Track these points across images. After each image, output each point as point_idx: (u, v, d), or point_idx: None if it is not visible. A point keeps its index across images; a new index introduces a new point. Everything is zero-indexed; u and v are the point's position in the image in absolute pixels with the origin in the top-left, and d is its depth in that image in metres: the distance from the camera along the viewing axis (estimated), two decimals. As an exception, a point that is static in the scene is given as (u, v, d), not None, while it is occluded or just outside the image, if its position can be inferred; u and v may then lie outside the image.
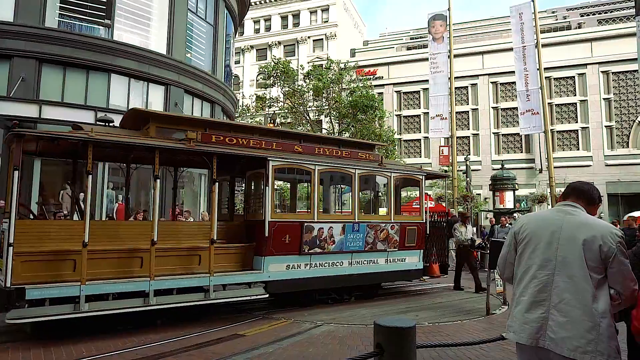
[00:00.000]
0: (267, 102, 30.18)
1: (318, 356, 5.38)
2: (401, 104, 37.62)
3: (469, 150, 34.52)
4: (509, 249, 2.79)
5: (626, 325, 3.23)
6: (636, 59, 17.03)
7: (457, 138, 26.21)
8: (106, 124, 9.96)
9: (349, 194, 10.12)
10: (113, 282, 6.23)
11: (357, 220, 8.86)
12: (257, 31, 47.31)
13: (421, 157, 35.81)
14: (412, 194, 21.60)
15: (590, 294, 2.37)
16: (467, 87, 35.14)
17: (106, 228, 7.71)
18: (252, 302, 8.49)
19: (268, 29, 46.93)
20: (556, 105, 32.83)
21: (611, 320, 2.38)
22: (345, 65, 28.71)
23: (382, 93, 36.61)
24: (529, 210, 25.10)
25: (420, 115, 36.65)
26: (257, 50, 46.64)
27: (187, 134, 7.09)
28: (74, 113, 12.56)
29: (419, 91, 36.46)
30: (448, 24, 21.74)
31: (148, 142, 6.77)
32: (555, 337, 2.39)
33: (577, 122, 32.48)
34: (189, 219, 12.81)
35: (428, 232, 10.22)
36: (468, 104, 35.28)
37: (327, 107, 27.53)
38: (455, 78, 22.44)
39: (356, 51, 42.76)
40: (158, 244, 6.56)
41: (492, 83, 34.83)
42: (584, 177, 27.44)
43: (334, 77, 26.84)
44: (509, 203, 19.48)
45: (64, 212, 10.19)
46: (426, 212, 10.33)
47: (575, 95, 32.73)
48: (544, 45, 22.57)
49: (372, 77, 35.64)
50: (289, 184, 12.04)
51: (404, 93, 37.56)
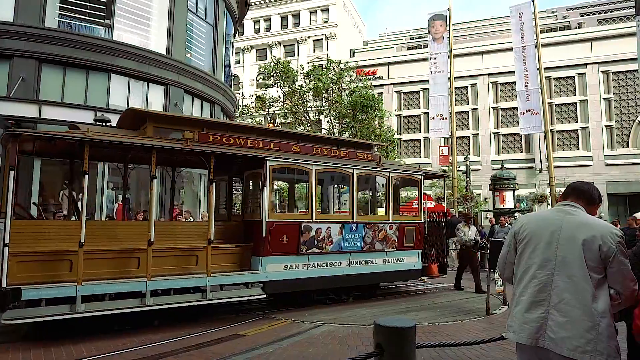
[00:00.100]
0: (267, 102, 30.19)
1: (318, 356, 5.38)
2: (401, 104, 37.62)
3: (469, 150, 34.52)
4: (509, 249, 2.79)
5: (626, 325, 3.23)
6: (636, 59, 17.04)
7: (457, 138, 26.21)
8: (103, 123, 9.96)
9: (348, 194, 10.11)
10: (109, 282, 6.21)
11: (355, 221, 8.84)
12: (257, 31, 47.33)
13: (421, 157, 35.82)
14: (412, 194, 21.59)
15: (590, 294, 2.37)
16: (467, 87, 35.14)
17: (103, 228, 7.67)
18: (252, 302, 8.50)
19: (268, 29, 46.95)
20: (556, 105, 32.84)
21: (611, 320, 2.38)
22: (345, 66, 28.71)
23: (382, 93, 36.62)
24: (529, 210, 25.10)
25: (420, 115, 36.66)
26: (257, 50, 46.65)
27: (184, 134, 7.06)
28: (73, 113, 12.55)
29: (419, 91, 36.47)
30: (448, 24, 21.74)
31: (145, 142, 6.74)
32: (554, 337, 2.39)
33: (577, 122, 32.48)
34: (188, 219, 12.81)
35: (427, 232, 10.21)
36: (468, 104, 35.29)
37: (327, 107, 27.53)
38: (455, 78, 22.45)
39: (356, 51, 42.76)
40: (155, 244, 6.54)
41: (492, 83, 34.84)
42: (584, 177, 27.44)
43: (333, 77, 26.84)
44: (509, 203, 19.48)
45: (64, 212, 10.19)
46: (425, 212, 10.32)
47: (575, 95, 32.73)
48: (543, 45, 22.57)
49: (372, 77, 35.64)
50: (287, 184, 12.02)
51: (403, 93, 37.57)
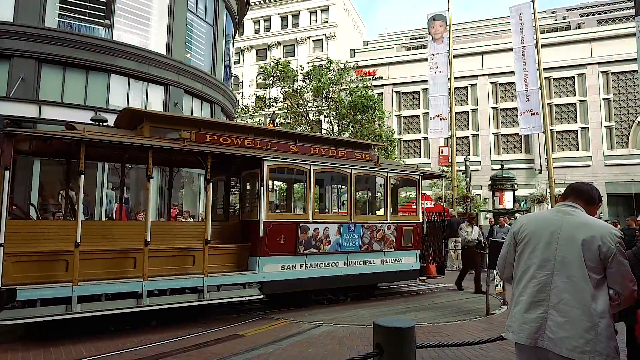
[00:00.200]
0: (266, 102, 30.21)
1: (317, 356, 5.38)
2: (401, 104, 37.64)
3: (469, 150, 34.54)
4: (509, 249, 2.79)
5: (625, 325, 3.23)
6: (636, 59, 17.06)
7: (457, 138, 26.22)
8: (100, 123, 9.95)
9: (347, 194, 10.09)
10: (105, 282, 6.17)
11: (353, 221, 8.80)
12: (256, 31, 47.35)
13: (421, 157, 35.83)
14: (412, 194, 21.57)
15: (589, 294, 2.37)
16: (467, 87, 35.17)
17: (99, 228, 7.64)
18: (251, 303, 8.48)
19: (268, 29, 46.97)
20: (556, 105, 32.86)
21: (610, 320, 2.38)
22: (345, 66, 28.73)
23: (382, 93, 36.64)
24: (529, 210, 25.11)
25: (419, 116, 36.68)
26: (256, 50, 46.67)
27: (181, 133, 7.02)
28: (73, 113, 12.54)
29: (419, 91, 36.49)
30: (447, 24, 21.76)
31: (141, 142, 6.71)
32: (554, 337, 2.39)
33: (576, 123, 32.51)
34: (188, 219, 12.81)
35: (425, 233, 10.19)
36: (468, 104, 35.31)
37: (326, 108, 27.54)
38: (454, 78, 22.46)
39: (356, 51, 42.79)
40: (152, 244, 6.51)
41: (491, 83, 34.86)
42: (583, 178, 27.46)
43: (333, 78, 26.85)
44: (508, 203, 19.50)
45: (63, 212, 10.18)
46: (423, 213, 10.31)
47: (575, 96, 32.76)
48: (543, 46, 22.59)
49: (371, 77, 35.66)
50: (285, 184, 11.99)
51: (403, 93, 37.59)
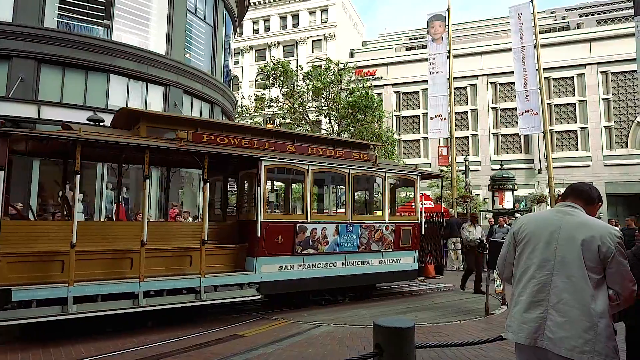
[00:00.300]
0: (266, 102, 30.21)
1: (317, 356, 5.38)
2: (400, 104, 37.64)
3: (468, 150, 34.55)
4: (509, 249, 2.79)
5: (625, 325, 3.23)
6: (635, 59, 17.07)
7: (456, 138, 26.23)
8: (96, 123, 9.93)
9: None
10: (101, 283, 6.15)
11: (351, 221, 8.77)
12: (256, 32, 47.34)
13: (420, 157, 35.83)
14: (411, 194, 21.52)
15: (588, 294, 2.37)
16: (466, 87, 35.18)
17: (95, 228, 7.61)
18: (250, 303, 8.48)
19: (267, 29, 46.97)
20: (555, 105, 32.88)
21: (609, 320, 2.38)
22: (345, 66, 28.73)
23: (381, 93, 36.64)
24: (528, 210, 25.13)
25: (419, 116, 36.68)
26: (256, 50, 46.66)
27: (178, 133, 7.00)
28: (72, 113, 12.55)
29: (418, 91, 36.49)
30: (447, 24, 21.77)
31: (137, 142, 6.69)
32: (553, 337, 2.39)
33: (576, 123, 32.52)
34: (188, 219, 12.80)
35: (423, 233, 10.18)
36: (467, 105, 35.32)
37: (326, 108, 27.55)
38: (454, 78, 22.47)
39: (355, 52, 42.79)
40: (148, 244, 6.49)
41: (491, 83, 34.87)
42: (583, 178, 27.49)
43: (333, 78, 26.85)
44: (508, 203, 19.51)
45: (62, 213, 10.18)
46: (421, 213, 10.30)
47: (574, 96, 32.77)
48: (543, 46, 22.60)
49: (371, 77, 35.67)
50: (283, 184, 11.96)
51: (403, 93, 37.59)
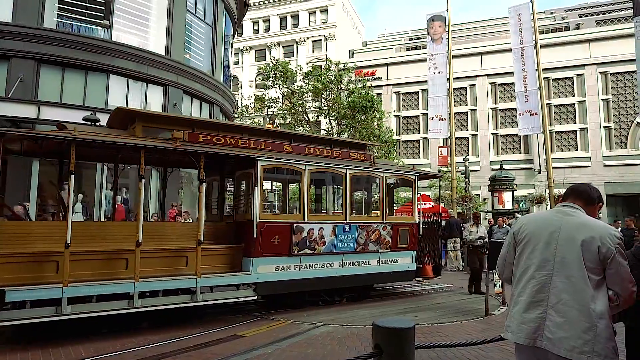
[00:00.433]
0: (266, 102, 30.21)
1: (317, 357, 5.38)
2: (400, 104, 37.65)
3: (468, 150, 34.56)
4: (508, 249, 2.79)
5: (624, 326, 3.23)
6: (634, 60, 17.08)
7: (456, 139, 26.23)
8: (92, 123, 9.92)
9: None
10: (96, 284, 6.12)
11: (348, 221, 8.76)
12: (256, 32, 47.34)
13: (420, 157, 35.83)
14: (411, 194, 21.56)
15: (588, 295, 2.37)
16: (466, 87, 35.19)
17: (91, 229, 7.60)
18: (250, 304, 8.49)
19: (267, 29, 46.97)
20: (555, 106, 32.89)
21: (609, 321, 2.38)
22: (345, 66, 28.73)
23: (381, 94, 36.64)
24: (528, 210, 25.13)
25: (419, 116, 36.69)
26: (256, 51, 46.66)
27: (174, 133, 6.97)
28: (72, 114, 12.54)
29: (418, 92, 36.50)
30: (447, 24, 21.76)
31: (132, 142, 6.66)
32: (552, 337, 2.39)
33: (575, 123, 32.54)
34: (187, 220, 12.79)
35: (421, 233, 10.15)
36: (467, 105, 35.33)
37: (326, 108, 27.55)
38: (454, 79, 22.46)
39: (355, 52, 42.81)
40: (144, 245, 6.47)
41: (490, 84, 34.88)
42: (582, 178, 27.53)
43: (333, 78, 26.86)
44: (507, 204, 19.51)
45: (59, 213, 10.18)
46: (419, 213, 10.28)
47: (574, 96, 32.79)
48: (542, 46, 22.60)
49: (370, 77, 35.67)
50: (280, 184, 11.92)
51: (402, 94, 37.60)
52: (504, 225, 12.31)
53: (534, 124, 20.23)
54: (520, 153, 33.67)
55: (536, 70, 20.05)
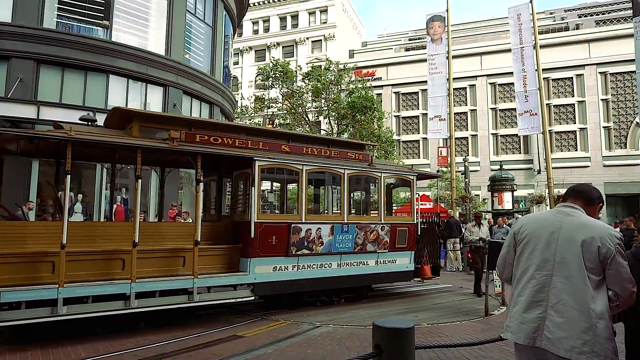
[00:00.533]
0: (265, 103, 30.20)
1: (317, 357, 5.38)
2: (400, 104, 37.65)
3: (468, 151, 34.55)
4: (508, 250, 2.79)
5: (624, 326, 3.23)
6: (634, 60, 17.08)
7: (456, 139, 26.22)
8: (89, 123, 9.91)
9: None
10: (92, 284, 6.10)
11: (346, 221, 8.74)
12: (255, 32, 47.33)
13: (420, 158, 35.83)
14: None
15: (588, 295, 2.37)
16: (466, 88, 35.19)
17: (88, 229, 7.58)
18: (250, 304, 8.48)
19: (267, 30, 46.96)
20: (554, 106, 32.90)
21: (609, 321, 2.38)
22: (345, 67, 28.71)
23: (381, 94, 36.63)
24: (528, 211, 25.13)
25: (418, 116, 36.69)
26: (255, 51, 46.65)
27: (171, 133, 6.94)
28: (72, 114, 12.52)
29: (418, 92, 36.50)
30: (446, 25, 21.77)
31: (129, 142, 6.64)
32: (552, 337, 2.40)
33: (575, 123, 32.54)
34: (187, 220, 12.78)
35: (420, 233, 10.14)
36: (467, 105, 35.33)
37: (325, 108, 27.53)
38: (453, 79, 22.47)
39: (355, 52, 42.80)
40: (140, 245, 6.46)
41: (490, 84, 34.89)
42: (582, 178, 27.52)
43: (332, 78, 26.85)
44: (507, 204, 19.50)
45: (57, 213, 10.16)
46: (418, 213, 10.25)
47: (574, 96, 32.80)
48: (542, 46, 22.61)
49: (370, 78, 35.65)
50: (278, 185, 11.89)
51: (402, 94, 37.60)
52: (504, 225, 12.32)
53: (533, 124, 20.23)
54: (520, 153, 33.67)
55: (536, 70, 20.06)
